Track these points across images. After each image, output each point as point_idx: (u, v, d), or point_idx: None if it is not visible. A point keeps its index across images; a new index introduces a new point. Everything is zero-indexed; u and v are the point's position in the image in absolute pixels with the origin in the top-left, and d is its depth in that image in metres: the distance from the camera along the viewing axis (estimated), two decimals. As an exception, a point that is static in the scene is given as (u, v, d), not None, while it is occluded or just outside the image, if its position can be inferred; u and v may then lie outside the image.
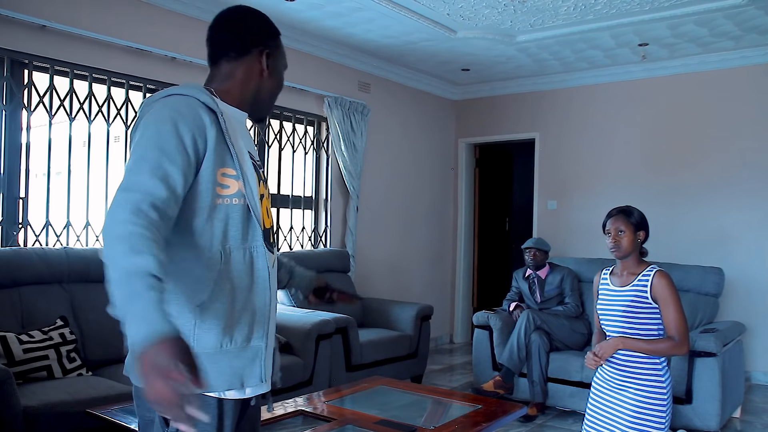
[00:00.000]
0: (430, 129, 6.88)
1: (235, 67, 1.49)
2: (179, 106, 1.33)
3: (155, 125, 1.30)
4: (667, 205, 5.79)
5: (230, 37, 1.50)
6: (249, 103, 1.51)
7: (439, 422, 2.72)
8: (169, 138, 1.27)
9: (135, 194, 1.19)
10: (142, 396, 1.19)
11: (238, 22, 1.52)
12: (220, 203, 1.35)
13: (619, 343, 2.42)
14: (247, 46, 1.49)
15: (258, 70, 1.50)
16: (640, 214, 2.52)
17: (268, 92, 1.54)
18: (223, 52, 1.50)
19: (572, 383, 4.36)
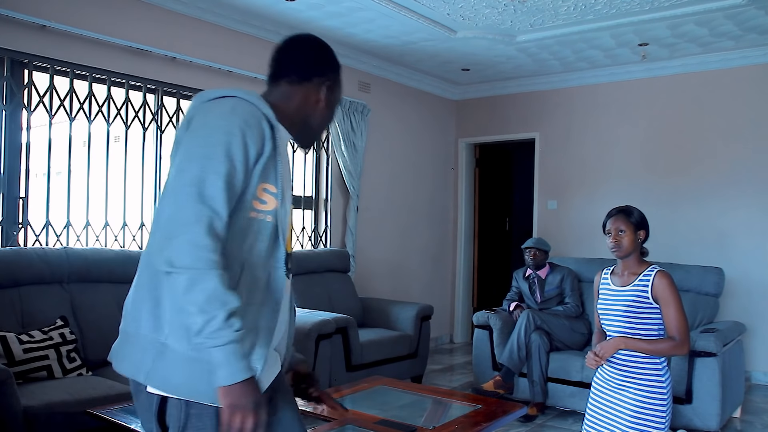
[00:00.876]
0: (430, 129, 6.88)
1: (294, 90, 1.52)
2: (247, 116, 1.35)
3: (225, 131, 1.33)
4: (667, 205, 5.79)
5: (296, 61, 1.53)
6: (298, 128, 1.54)
7: (439, 422, 2.72)
8: (237, 151, 1.32)
9: (208, 211, 1.27)
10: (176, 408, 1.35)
11: (307, 49, 1.56)
12: (254, 217, 1.38)
13: (620, 343, 2.42)
14: (310, 74, 1.52)
15: (315, 99, 1.54)
16: (639, 213, 2.52)
17: (320, 121, 1.57)
18: (285, 73, 1.52)
19: (572, 383, 4.36)
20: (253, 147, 1.34)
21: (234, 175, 1.31)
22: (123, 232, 4.25)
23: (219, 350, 1.24)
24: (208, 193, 1.28)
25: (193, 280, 1.24)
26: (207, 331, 1.24)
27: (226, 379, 1.25)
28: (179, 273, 1.24)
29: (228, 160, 1.30)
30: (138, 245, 4.32)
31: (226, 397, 1.26)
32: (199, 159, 1.31)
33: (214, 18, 4.66)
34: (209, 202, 1.28)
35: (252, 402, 1.27)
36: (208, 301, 1.23)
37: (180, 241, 1.25)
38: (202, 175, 1.29)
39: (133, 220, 4.31)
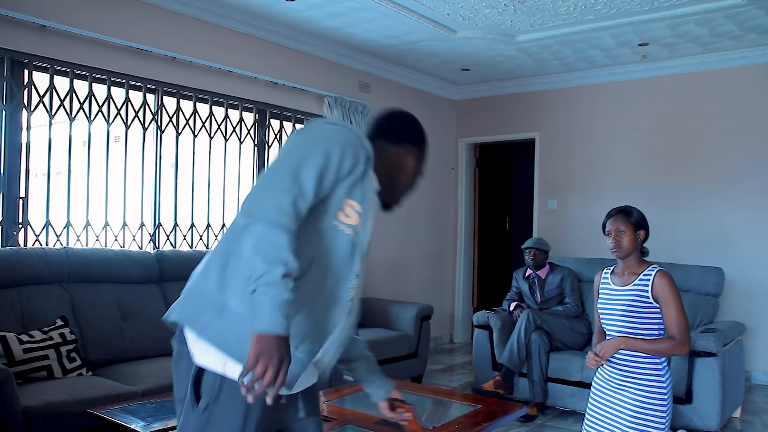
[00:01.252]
0: (430, 129, 6.71)
1: (388, 149, 1.66)
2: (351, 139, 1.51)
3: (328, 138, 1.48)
4: (667, 205, 5.79)
5: (393, 127, 1.71)
6: (384, 183, 1.66)
7: (439, 422, 2.72)
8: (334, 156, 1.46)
9: (297, 189, 1.39)
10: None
11: (404, 120, 1.75)
12: (336, 225, 1.50)
13: (620, 342, 2.42)
14: (404, 139, 1.70)
15: (403, 161, 1.69)
16: (639, 213, 2.52)
17: (404, 184, 1.72)
18: (382, 133, 1.68)
19: (572, 383, 4.36)
20: (348, 161, 1.47)
21: (325, 174, 1.44)
22: (123, 232, 4.25)
23: (267, 299, 1.31)
24: (301, 176, 1.40)
25: (267, 232, 1.34)
26: (263, 280, 1.31)
27: (263, 325, 1.31)
28: (257, 223, 1.35)
29: (324, 159, 1.44)
30: (138, 245, 4.33)
31: (257, 344, 1.31)
32: (299, 151, 1.45)
33: (214, 18, 4.66)
34: (300, 182, 1.40)
35: (278, 356, 1.31)
36: (275, 254, 1.32)
37: (265, 200, 1.37)
38: (299, 161, 1.42)
39: (133, 220, 4.31)
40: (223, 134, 4.85)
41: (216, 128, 4.78)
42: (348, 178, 1.48)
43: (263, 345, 1.30)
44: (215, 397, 1.44)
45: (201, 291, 1.50)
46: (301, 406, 1.65)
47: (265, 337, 1.31)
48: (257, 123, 5.14)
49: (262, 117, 5.18)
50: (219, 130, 4.81)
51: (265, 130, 5.18)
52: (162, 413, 2.72)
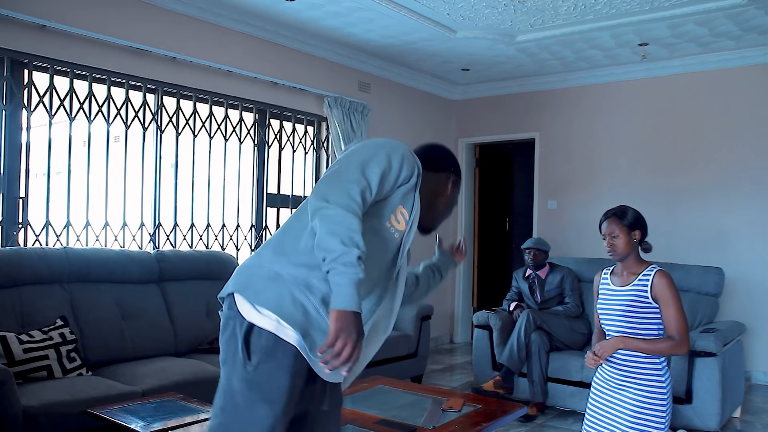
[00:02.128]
0: (430, 129, 6.88)
1: (429, 176, 1.77)
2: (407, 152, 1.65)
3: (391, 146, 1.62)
4: (667, 205, 5.79)
5: (432, 156, 1.84)
6: (425, 207, 1.75)
7: (439, 422, 2.72)
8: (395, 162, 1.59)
9: (365, 182, 1.52)
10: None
11: (442, 150, 1.90)
12: (388, 226, 1.63)
13: (619, 342, 2.42)
14: (443, 169, 1.84)
15: (442, 188, 1.84)
16: (634, 213, 2.50)
17: (441, 210, 1.87)
18: (426, 161, 1.77)
19: (572, 383, 4.36)
20: (406, 170, 1.61)
21: (387, 176, 1.57)
22: (123, 232, 4.25)
23: (345, 277, 1.41)
24: (367, 172, 1.53)
25: (343, 216, 1.44)
26: (342, 259, 1.41)
27: (343, 303, 1.40)
28: (333, 207, 1.45)
29: (387, 162, 1.57)
30: (138, 245, 4.33)
31: (338, 321, 1.40)
32: (366, 152, 1.58)
33: (214, 18, 4.66)
34: (367, 177, 1.53)
35: (357, 332, 1.41)
36: (352, 238, 1.42)
37: (340, 190, 1.48)
38: (366, 160, 1.55)
39: (133, 220, 4.31)
40: (223, 134, 4.85)
41: (216, 128, 4.78)
42: (405, 185, 1.62)
43: (343, 321, 1.40)
44: (267, 355, 1.51)
45: (255, 265, 1.61)
46: (327, 397, 1.70)
47: (344, 313, 1.40)
48: (257, 123, 5.14)
49: (262, 117, 5.18)
50: (219, 130, 4.81)
51: (265, 130, 5.18)
52: (162, 413, 2.72)
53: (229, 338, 1.56)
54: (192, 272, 4.27)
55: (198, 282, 4.27)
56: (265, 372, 1.51)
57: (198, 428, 2.59)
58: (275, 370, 1.51)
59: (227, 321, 1.59)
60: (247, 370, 1.51)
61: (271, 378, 1.51)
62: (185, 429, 2.56)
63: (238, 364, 1.52)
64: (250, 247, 5.09)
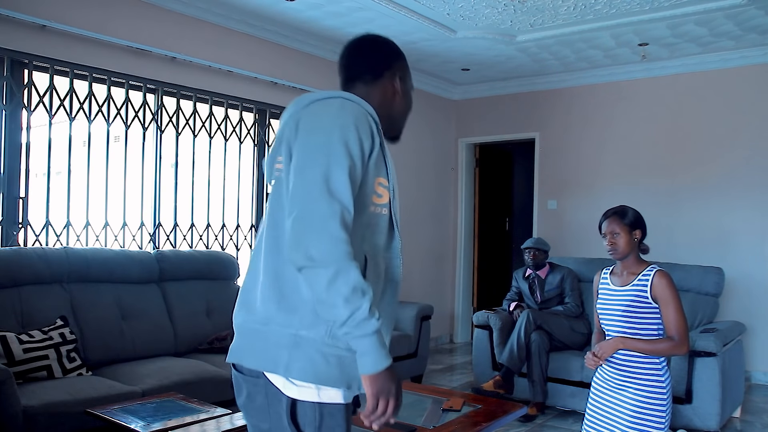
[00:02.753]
0: (430, 129, 6.88)
1: (370, 90, 1.59)
2: (356, 113, 1.42)
3: (341, 127, 1.38)
4: (667, 205, 5.79)
5: (364, 63, 1.61)
6: (384, 123, 1.59)
7: (439, 422, 2.72)
8: (354, 146, 1.38)
9: (339, 205, 1.32)
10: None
11: (371, 48, 1.63)
12: (373, 211, 1.46)
13: (618, 343, 2.42)
14: (381, 70, 1.60)
15: (391, 92, 1.61)
16: (634, 213, 2.51)
17: (401, 113, 1.65)
18: (358, 75, 1.59)
19: (572, 383, 4.36)
20: (367, 141, 1.40)
21: (354, 170, 1.37)
22: (123, 232, 4.25)
23: (365, 339, 1.30)
24: (335, 188, 1.33)
25: (337, 272, 1.27)
26: (353, 322, 1.28)
27: (372, 366, 1.31)
28: (322, 266, 1.28)
29: (348, 155, 1.36)
30: (138, 245, 4.33)
31: (373, 385, 1.32)
32: (321, 156, 1.35)
33: (214, 18, 4.66)
34: (338, 196, 1.32)
35: (395, 389, 1.34)
36: (353, 293, 1.28)
37: (318, 235, 1.29)
38: (327, 170, 1.34)
39: (133, 220, 4.31)
40: (223, 134, 4.85)
41: (216, 128, 4.78)
42: (372, 157, 1.43)
43: (378, 385, 1.32)
44: (319, 426, 1.40)
45: (264, 330, 1.42)
46: None
47: (377, 376, 1.32)
48: (257, 123, 5.14)
49: (262, 117, 5.18)
50: (219, 130, 4.81)
51: (265, 130, 5.18)
52: (162, 413, 2.72)
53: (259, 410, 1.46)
54: (192, 272, 4.27)
55: (198, 282, 4.27)
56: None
57: (198, 428, 2.59)
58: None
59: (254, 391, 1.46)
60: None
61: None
62: (185, 429, 2.56)
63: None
64: (250, 247, 5.09)
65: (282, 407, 1.40)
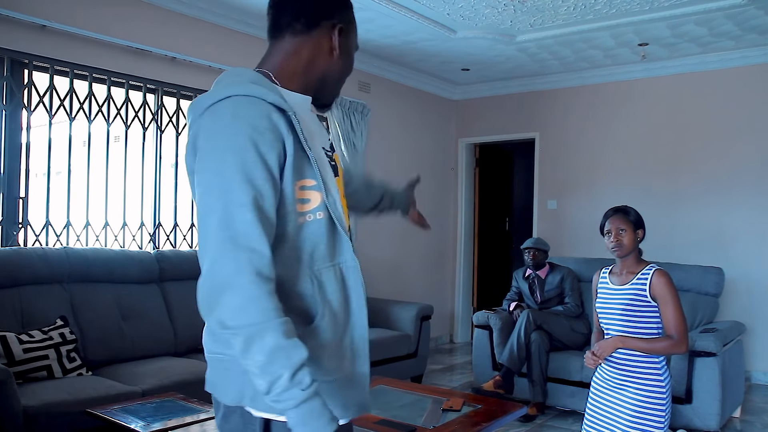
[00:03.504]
0: (430, 129, 6.88)
1: (301, 44, 1.30)
2: (252, 118, 1.15)
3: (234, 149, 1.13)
4: (667, 205, 5.79)
5: (298, 7, 1.30)
6: (314, 86, 1.33)
7: (439, 422, 2.72)
8: (255, 168, 1.13)
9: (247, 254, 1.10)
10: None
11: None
12: (303, 222, 1.21)
13: (617, 342, 2.42)
14: (317, 19, 1.30)
15: (327, 48, 1.32)
16: (636, 213, 2.53)
17: (338, 74, 1.36)
18: (288, 24, 1.29)
19: (572, 383, 4.36)
20: (272, 153, 1.15)
21: (261, 199, 1.13)
22: (123, 232, 4.25)
23: (291, 412, 1.11)
24: (240, 232, 1.11)
25: (250, 339, 1.09)
26: (274, 393, 1.10)
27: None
28: (233, 334, 1.10)
29: (249, 185, 1.12)
30: (138, 245, 4.33)
31: None
32: (217, 194, 1.13)
33: (214, 18, 4.66)
34: (245, 242, 1.11)
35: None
36: (269, 361, 1.09)
37: (227, 299, 1.09)
38: (226, 213, 1.12)
39: (133, 220, 4.32)
40: (223, 134, 4.84)
41: (216, 128, 4.77)
42: (286, 165, 1.17)
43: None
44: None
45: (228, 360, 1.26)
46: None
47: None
48: (257, 123, 5.13)
49: (262, 117, 5.17)
50: (219, 130, 4.80)
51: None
52: (162, 413, 2.72)
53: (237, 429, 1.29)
54: (192, 272, 4.26)
55: (198, 282, 4.27)
56: None
57: (198, 428, 2.59)
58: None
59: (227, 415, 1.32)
60: None
61: None
62: (185, 429, 2.56)
63: None
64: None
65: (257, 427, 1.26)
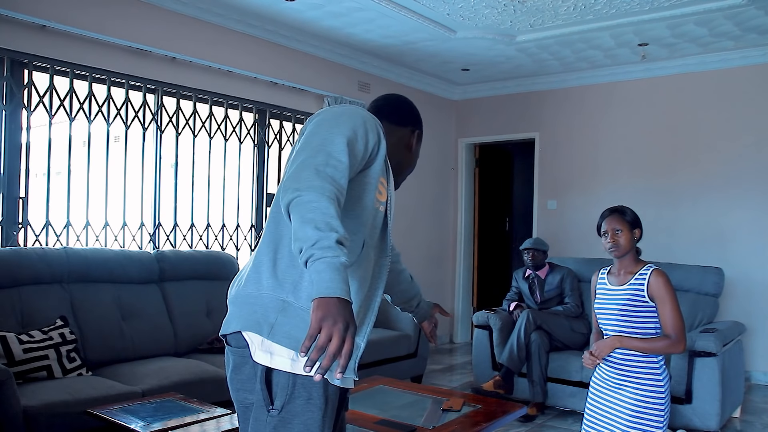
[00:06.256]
0: (430, 129, 6.82)
1: (392, 130, 1.72)
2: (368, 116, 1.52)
3: (349, 116, 1.48)
4: (666, 205, 5.80)
5: (395, 111, 1.77)
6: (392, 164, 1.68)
7: (439, 422, 2.72)
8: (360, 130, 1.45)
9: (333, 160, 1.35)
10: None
11: (404, 105, 1.81)
12: (377, 207, 1.52)
13: (616, 342, 2.42)
14: (405, 122, 1.77)
15: (406, 142, 1.77)
16: (633, 213, 2.54)
17: (406, 165, 1.79)
18: (386, 115, 1.72)
19: (572, 383, 4.36)
20: (373, 137, 1.47)
21: (354, 145, 1.41)
22: (123, 232, 4.25)
23: (324, 263, 1.21)
24: (332, 149, 1.37)
25: (318, 200, 1.27)
26: (318, 246, 1.22)
27: (325, 290, 1.19)
28: (306, 193, 1.28)
29: (351, 131, 1.42)
30: (138, 245, 4.33)
31: (319, 309, 1.18)
32: (323, 130, 1.42)
33: (214, 18, 4.66)
34: (333, 153, 1.36)
35: (343, 320, 1.17)
36: (327, 223, 1.24)
37: (309, 174, 1.31)
38: (326, 137, 1.39)
39: (133, 220, 4.32)
40: (223, 134, 4.85)
41: (216, 128, 4.78)
42: (378, 154, 1.50)
43: (325, 309, 1.17)
44: (290, 396, 1.40)
45: (256, 295, 1.44)
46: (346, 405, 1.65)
47: (326, 300, 1.18)
48: (257, 123, 5.14)
49: (262, 117, 5.18)
50: (219, 130, 4.81)
51: (265, 130, 5.18)
52: (162, 413, 2.72)
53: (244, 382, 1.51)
54: (192, 272, 4.27)
55: (198, 282, 4.28)
56: (294, 412, 1.41)
57: (198, 428, 2.59)
58: (304, 407, 1.41)
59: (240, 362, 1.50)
60: (275, 415, 1.41)
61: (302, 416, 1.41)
62: (185, 429, 2.56)
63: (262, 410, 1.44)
64: (250, 247, 5.09)
65: (259, 374, 1.43)
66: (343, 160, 1.36)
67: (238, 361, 1.51)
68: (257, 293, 1.44)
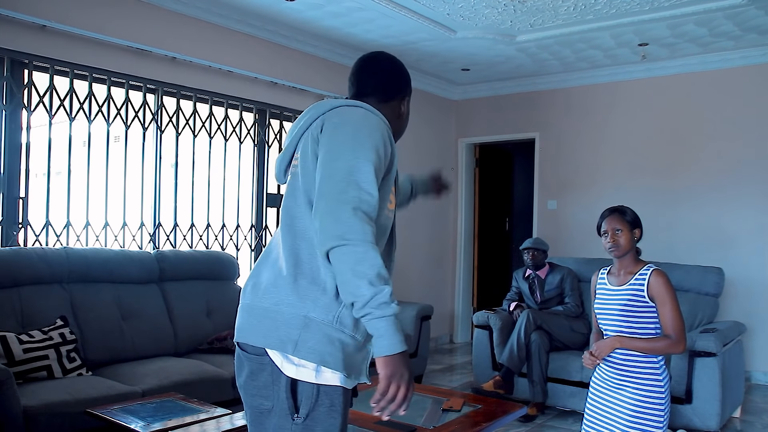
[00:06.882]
0: (430, 129, 6.88)
1: (381, 107, 1.66)
2: (380, 122, 1.54)
3: (369, 128, 1.49)
4: (666, 205, 5.79)
5: (378, 84, 1.70)
6: None
7: (439, 422, 2.72)
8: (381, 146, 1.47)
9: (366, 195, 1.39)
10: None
11: (388, 72, 1.73)
12: (387, 213, 1.55)
13: (615, 342, 2.42)
14: (393, 94, 1.71)
15: (398, 113, 1.73)
16: (633, 212, 2.53)
17: (399, 132, 1.75)
18: (372, 93, 1.69)
19: (572, 383, 4.36)
20: (389, 146, 1.51)
21: (379, 167, 1.45)
22: (123, 232, 4.25)
23: (384, 321, 1.33)
24: (361, 179, 1.40)
25: (366, 253, 1.34)
26: (375, 303, 1.32)
27: (388, 348, 1.34)
28: (352, 245, 1.33)
29: (375, 152, 1.45)
30: (138, 245, 4.33)
31: (386, 367, 1.34)
32: (348, 151, 1.43)
33: (214, 18, 4.66)
34: (364, 186, 1.40)
35: (408, 374, 1.36)
36: (378, 276, 1.33)
37: (349, 218, 1.35)
38: (354, 163, 1.41)
39: (133, 220, 4.32)
40: (223, 134, 4.85)
41: (216, 128, 4.78)
42: (392, 164, 1.52)
43: (392, 367, 1.34)
44: (314, 405, 1.46)
45: (276, 311, 1.48)
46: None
47: (391, 358, 1.34)
48: (257, 123, 5.14)
49: (262, 117, 5.18)
50: (219, 130, 4.81)
51: (265, 130, 5.18)
52: (162, 413, 2.72)
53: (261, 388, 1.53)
54: (192, 272, 4.27)
55: (198, 282, 4.28)
56: (318, 420, 1.47)
57: (198, 428, 2.59)
58: (327, 415, 1.47)
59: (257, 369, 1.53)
60: (299, 423, 1.47)
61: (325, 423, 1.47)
62: (185, 429, 2.56)
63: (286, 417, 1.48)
64: (250, 247, 5.09)
65: (283, 384, 1.47)
66: (374, 194, 1.40)
67: (255, 368, 1.54)
68: (276, 309, 1.48)
